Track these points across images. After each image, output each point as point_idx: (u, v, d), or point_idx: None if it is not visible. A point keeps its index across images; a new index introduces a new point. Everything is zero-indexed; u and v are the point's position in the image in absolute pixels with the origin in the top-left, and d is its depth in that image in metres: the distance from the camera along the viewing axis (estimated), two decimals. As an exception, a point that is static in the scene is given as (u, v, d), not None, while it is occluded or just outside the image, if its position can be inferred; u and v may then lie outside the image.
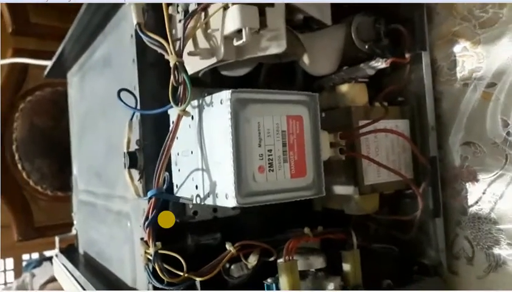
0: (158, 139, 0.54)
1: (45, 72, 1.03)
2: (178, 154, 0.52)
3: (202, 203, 0.47)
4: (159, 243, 0.46)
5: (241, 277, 0.54)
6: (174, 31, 0.53)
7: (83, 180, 0.91)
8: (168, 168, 0.51)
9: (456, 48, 0.58)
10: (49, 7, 1.44)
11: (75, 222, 0.98)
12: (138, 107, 0.54)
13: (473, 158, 0.57)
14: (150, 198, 0.45)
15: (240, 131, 0.42)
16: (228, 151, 0.42)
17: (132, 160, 0.54)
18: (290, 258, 0.49)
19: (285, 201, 0.45)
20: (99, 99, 0.76)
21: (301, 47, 0.53)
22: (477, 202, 0.56)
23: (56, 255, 0.98)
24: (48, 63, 1.32)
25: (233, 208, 0.46)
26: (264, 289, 0.51)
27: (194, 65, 0.49)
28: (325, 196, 0.61)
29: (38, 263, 1.55)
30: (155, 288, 0.51)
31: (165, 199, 0.47)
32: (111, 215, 0.69)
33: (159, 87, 0.55)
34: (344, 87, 0.58)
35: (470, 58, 0.57)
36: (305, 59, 0.55)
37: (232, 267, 0.54)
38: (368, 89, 0.60)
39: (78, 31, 0.72)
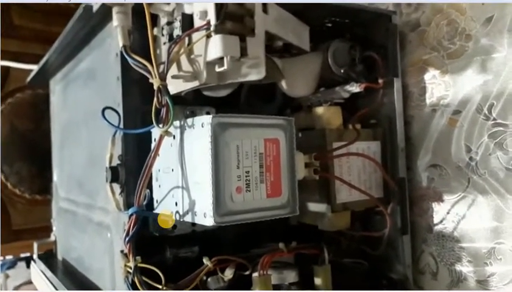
0: (139, 154, 0.56)
1: (28, 79, 1.03)
2: (159, 171, 0.54)
3: (181, 220, 0.49)
4: (138, 258, 0.48)
5: (217, 289, 0.56)
6: (158, 51, 0.56)
7: (63, 187, 0.91)
8: (149, 183, 0.53)
9: (427, 76, 0.62)
10: (33, 10, 1.44)
11: (54, 228, 0.98)
12: (122, 124, 0.56)
13: (439, 180, 0.60)
14: (131, 215, 0.47)
15: (219, 154, 0.45)
16: (208, 172, 0.44)
17: (114, 175, 0.56)
18: (265, 272, 0.51)
19: (261, 220, 0.48)
20: (82, 110, 0.78)
21: (280, 72, 0.56)
22: (441, 221, 0.60)
23: (34, 261, 0.98)
24: (31, 67, 1.32)
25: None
26: None
27: (177, 86, 0.51)
28: (300, 211, 0.64)
29: (12, 263, 1.54)
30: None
31: (145, 216, 0.48)
32: (92, 225, 0.70)
33: (142, 103, 0.57)
34: (320, 110, 0.61)
35: (439, 86, 0.60)
36: (283, 83, 0.58)
37: (209, 280, 0.56)
38: (343, 110, 0.63)
39: (65, 42, 0.73)
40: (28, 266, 1.49)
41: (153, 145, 0.55)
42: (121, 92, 0.56)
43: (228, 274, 0.54)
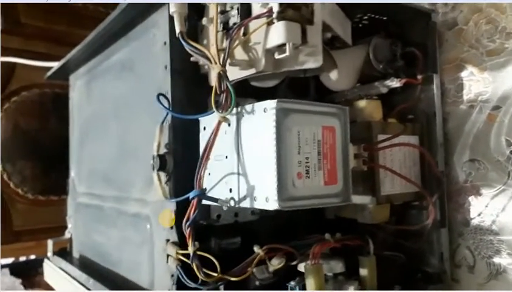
0: (185, 144, 0.56)
1: (48, 74, 1.02)
2: (210, 159, 0.53)
3: (237, 206, 0.49)
4: (197, 243, 0.48)
5: (263, 280, 0.56)
6: (205, 41, 0.56)
7: (83, 183, 0.90)
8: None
9: (464, 73, 0.63)
10: (40, 8, 1.43)
11: (69, 225, 0.97)
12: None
13: (477, 174, 0.62)
14: (193, 199, 0.47)
15: (282, 139, 0.45)
16: (271, 156, 0.44)
17: (162, 163, 0.55)
18: (317, 261, 0.51)
19: (317, 207, 0.48)
20: (111, 102, 0.77)
21: (334, 62, 0.57)
22: (479, 214, 0.61)
23: (48, 258, 0.96)
24: (39, 63, 1.31)
25: (267, 211, 0.49)
26: None
27: (233, 74, 0.51)
28: (338, 208, 0.65)
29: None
30: (180, 288, 0.53)
31: (206, 200, 0.48)
32: (125, 218, 0.69)
33: (183, 94, 0.58)
34: (362, 103, 0.62)
35: (477, 83, 0.62)
36: (332, 74, 0.59)
37: (254, 270, 0.56)
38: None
39: (97, 36, 0.73)
40: (11, 273, 1.46)
41: (202, 134, 0.55)
42: (170, 81, 0.56)
43: (276, 263, 0.54)
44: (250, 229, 0.60)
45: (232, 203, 0.49)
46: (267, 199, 0.45)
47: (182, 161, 0.56)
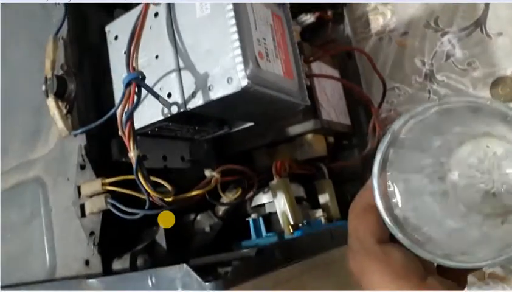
0: (91, 64, 0.44)
1: None
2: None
3: (184, 109, 0.38)
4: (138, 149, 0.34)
5: (212, 226, 0.44)
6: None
7: None
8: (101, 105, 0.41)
9: (368, 8, 0.65)
10: None
11: None
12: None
13: (399, 100, 0.62)
14: (128, 85, 0.34)
15: (239, 10, 0.37)
16: (231, 30, 0.36)
17: (61, 85, 0.41)
18: (283, 175, 0.43)
19: (279, 101, 0.41)
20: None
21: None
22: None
23: None
24: None
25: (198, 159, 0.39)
26: (249, 228, 0.43)
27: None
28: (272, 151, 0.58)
29: None
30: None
31: (145, 88, 0.35)
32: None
33: None
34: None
35: (382, 15, 0.64)
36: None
37: (199, 217, 0.45)
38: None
39: None
40: None
41: (112, 45, 0.43)
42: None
43: (230, 195, 0.43)
44: (181, 178, 0.48)
45: (175, 109, 0.38)
46: (229, 81, 0.36)
47: (87, 85, 0.43)
